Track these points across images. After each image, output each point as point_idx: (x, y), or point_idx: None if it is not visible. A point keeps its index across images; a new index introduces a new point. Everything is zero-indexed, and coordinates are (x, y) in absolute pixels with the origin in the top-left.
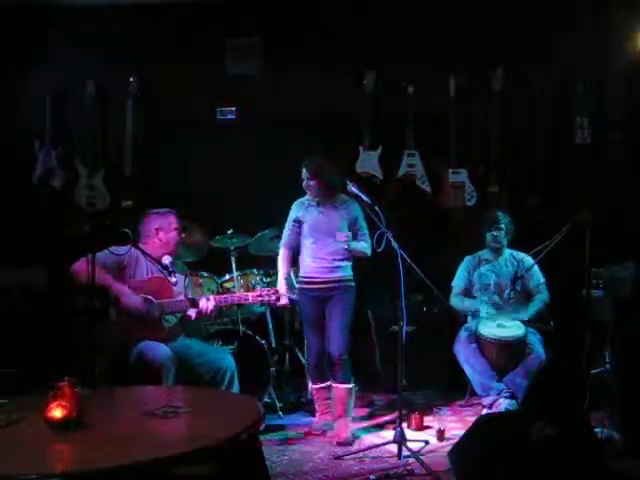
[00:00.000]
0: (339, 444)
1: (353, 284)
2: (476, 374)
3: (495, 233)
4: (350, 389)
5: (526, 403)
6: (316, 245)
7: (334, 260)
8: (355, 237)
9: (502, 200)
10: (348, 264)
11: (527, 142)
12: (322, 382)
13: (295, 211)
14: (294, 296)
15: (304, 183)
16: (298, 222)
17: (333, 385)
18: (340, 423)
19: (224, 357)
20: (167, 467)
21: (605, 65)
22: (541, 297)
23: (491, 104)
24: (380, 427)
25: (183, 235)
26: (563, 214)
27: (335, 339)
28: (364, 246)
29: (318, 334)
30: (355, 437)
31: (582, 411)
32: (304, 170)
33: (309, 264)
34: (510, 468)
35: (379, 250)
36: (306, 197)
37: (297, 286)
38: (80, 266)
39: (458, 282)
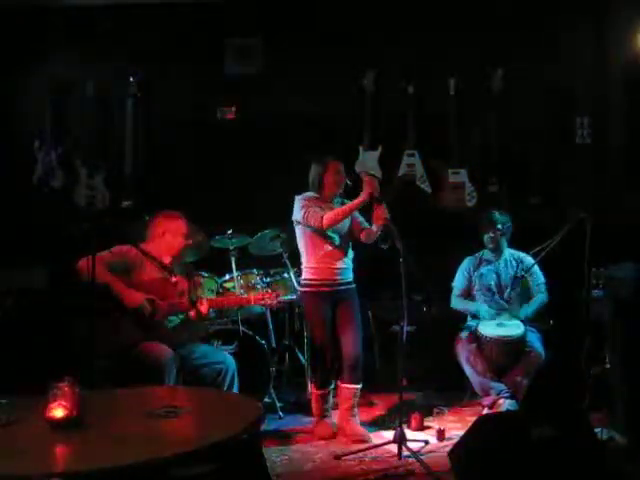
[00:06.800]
0: (358, 442)
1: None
2: (476, 374)
3: (492, 234)
4: (359, 389)
5: (526, 403)
6: (332, 246)
7: (348, 261)
8: (361, 226)
9: (502, 200)
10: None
11: (527, 142)
12: (329, 386)
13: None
14: (294, 297)
15: (340, 181)
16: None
17: (343, 385)
18: (353, 422)
19: (225, 358)
20: (167, 467)
21: (605, 65)
22: (541, 297)
23: (491, 104)
24: (380, 427)
25: (190, 241)
26: (563, 214)
27: (356, 339)
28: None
29: (332, 337)
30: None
31: (582, 411)
32: (342, 167)
33: (327, 265)
34: (510, 468)
35: (385, 248)
36: (309, 195)
37: (308, 290)
38: (87, 263)
39: (458, 282)
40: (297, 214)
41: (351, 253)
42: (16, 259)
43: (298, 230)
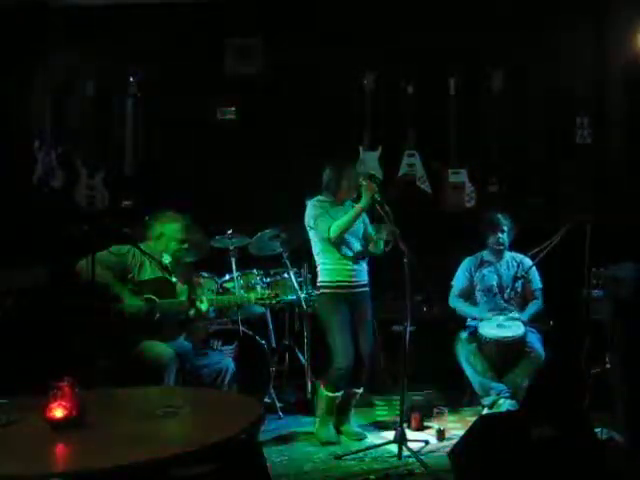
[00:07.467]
0: (355, 441)
1: None
2: (476, 374)
3: (499, 235)
4: (359, 393)
5: (526, 403)
6: (348, 247)
7: (363, 263)
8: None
9: (502, 200)
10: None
11: (527, 142)
12: (343, 390)
13: (325, 211)
14: (294, 297)
15: (353, 186)
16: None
17: (354, 390)
18: (348, 423)
19: (223, 360)
20: (167, 467)
21: (605, 65)
22: (537, 302)
23: (491, 104)
24: (380, 427)
25: (185, 246)
26: (563, 214)
27: (367, 346)
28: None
29: (351, 339)
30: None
31: (582, 411)
32: (354, 172)
33: (343, 267)
34: (510, 468)
35: (387, 249)
36: (321, 198)
37: (326, 291)
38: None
39: (458, 282)
40: (309, 220)
41: (365, 255)
42: (16, 259)
43: (311, 233)
